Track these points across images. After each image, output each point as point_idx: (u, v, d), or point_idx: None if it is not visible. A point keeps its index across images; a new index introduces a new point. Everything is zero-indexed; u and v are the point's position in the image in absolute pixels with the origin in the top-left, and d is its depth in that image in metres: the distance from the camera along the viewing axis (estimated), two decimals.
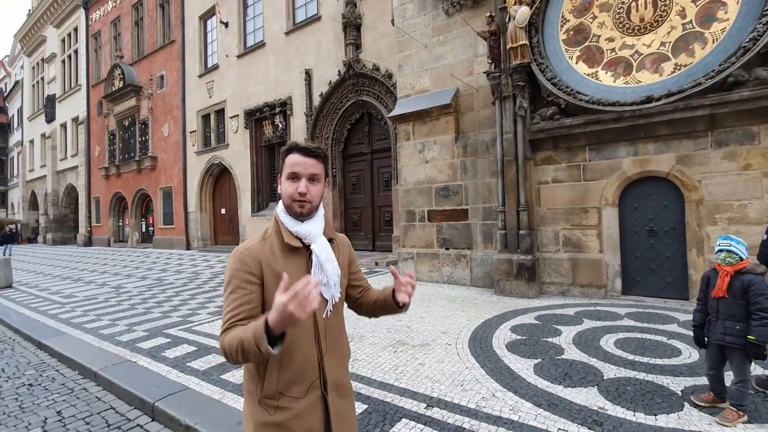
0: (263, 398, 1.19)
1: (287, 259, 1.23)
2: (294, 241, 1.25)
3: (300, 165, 1.24)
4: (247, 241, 1.26)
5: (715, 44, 4.94)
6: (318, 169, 1.26)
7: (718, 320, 2.70)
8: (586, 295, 5.96)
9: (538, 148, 6.30)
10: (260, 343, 1.00)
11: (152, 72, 18.73)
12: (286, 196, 1.26)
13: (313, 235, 1.27)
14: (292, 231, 1.25)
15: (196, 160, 16.71)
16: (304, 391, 1.22)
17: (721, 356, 2.73)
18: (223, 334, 1.12)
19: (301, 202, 1.24)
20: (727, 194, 4.98)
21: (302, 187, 1.23)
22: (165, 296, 7.54)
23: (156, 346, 4.59)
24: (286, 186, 1.25)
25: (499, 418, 2.82)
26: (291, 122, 13.07)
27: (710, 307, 2.77)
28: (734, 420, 2.54)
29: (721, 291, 2.66)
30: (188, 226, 17.12)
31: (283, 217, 1.28)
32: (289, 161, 1.25)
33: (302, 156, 1.24)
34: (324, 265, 1.27)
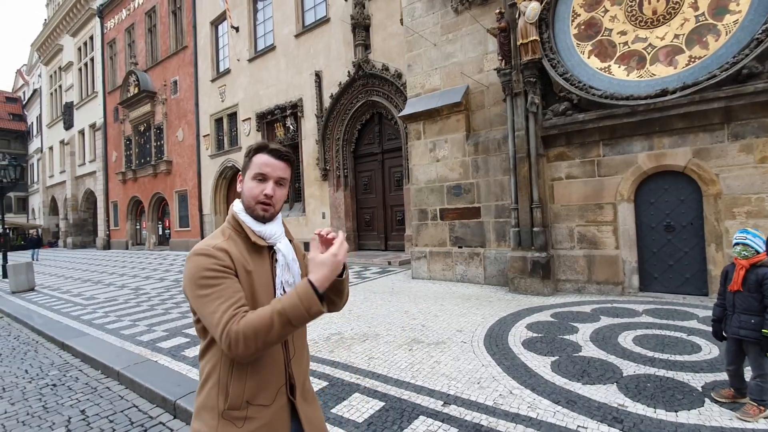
0: (227, 410, 1.11)
1: (254, 259, 1.19)
2: (259, 240, 1.21)
3: (270, 166, 1.20)
4: (206, 240, 1.17)
5: (729, 36, 4.85)
6: (286, 173, 1.23)
7: (734, 314, 2.68)
8: (603, 292, 5.89)
9: (551, 144, 6.25)
10: (312, 305, 1.01)
11: (166, 78, 19.08)
12: (249, 197, 1.21)
13: (276, 236, 1.25)
14: (255, 231, 1.21)
15: (210, 164, 16.97)
16: (271, 397, 1.16)
17: (740, 351, 2.69)
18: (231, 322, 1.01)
19: (265, 205, 1.20)
20: (744, 188, 4.88)
21: (269, 189, 1.20)
22: (183, 297, 7.69)
23: (176, 346, 4.70)
24: (251, 186, 1.20)
25: (517, 415, 2.82)
26: (302, 124, 13.18)
27: (727, 301, 2.75)
28: (756, 415, 2.50)
29: (736, 284, 2.64)
30: (203, 229, 17.39)
31: (243, 216, 1.22)
32: (258, 161, 1.20)
33: (272, 158, 1.20)
34: (290, 264, 1.26)
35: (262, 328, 1.00)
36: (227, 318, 1.02)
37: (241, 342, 0.99)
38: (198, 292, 1.07)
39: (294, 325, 1.03)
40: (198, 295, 1.07)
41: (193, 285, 1.08)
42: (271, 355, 1.17)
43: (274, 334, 1.01)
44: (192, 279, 1.09)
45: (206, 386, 1.15)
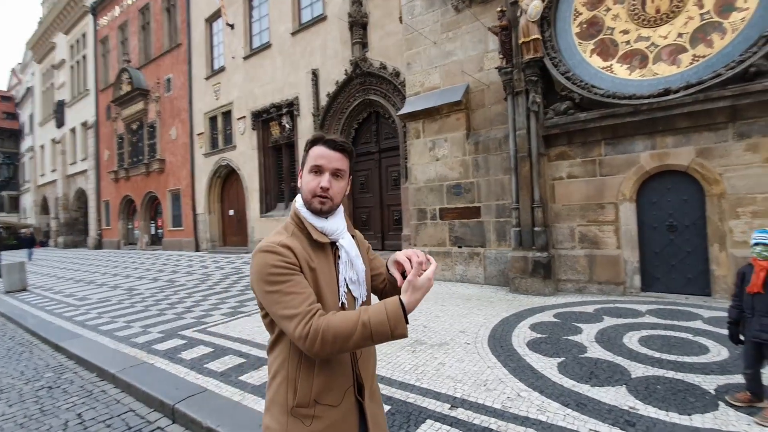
0: (296, 407, 1.11)
1: (318, 255, 1.17)
2: (321, 237, 1.18)
3: (325, 158, 1.16)
4: (271, 237, 1.16)
5: (735, 34, 4.82)
6: (343, 164, 1.18)
7: (754, 317, 2.62)
8: (604, 292, 5.85)
9: (552, 143, 6.21)
10: (399, 326, 1.01)
11: (159, 75, 18.83)
12: (306, 191, 1.18)
13: (339, 231, 1.21)
14: (317, 227, 1.18)
15: (203, 162, 16.77)
16: (339, 398, 1.15)
17: (758, 354, 2.64)
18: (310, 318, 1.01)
19: (322, 198, 1.16)
20: (750, 187, 4.86)
21: (325, 181, 1.15)
22: (178, 298, 7.55)
23: (172, 348, 4.58)
24: (308, 179, 1.17)
25: (526, 418, 2.75)
26: (298, 123, 13.05)
27: (745, 303, 2.68)
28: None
29: (756, 287, 2.59)
30: (197, 228, 17.18)
31: (304, 212, 1.20)
32: (314, 153, 1.17)
33: (328, 149, 1.16)
34: (354, 261, 1.22)
35: (343, 333, 1.00)
36: (304, 312, 1.02)
37: (319, 340, 1.00)
38: (267, 288, 1.07)
39: (374, 341, 1.02)
40: (267, 291, 1.07)
41: (261, 281, 1.08)
42: (339, 355, 1.15)
43: (352, 343, 1.01)
44: (260, 275, 1.09)
45: (275, 381, 1.16)
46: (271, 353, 1.20)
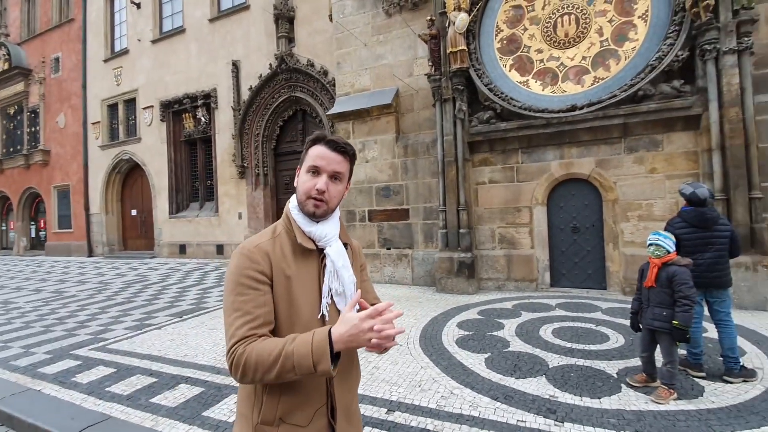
0: (260, 424, 1.04)
1: (298, 262, 1.09)
2: (307, 242, 1.10)
3: (324, 159, 1.09)
4: (253, 238, 1.11)
5: (627, 61, 5.56)
6: (343, 167, 1.12)
7: (649, 307, 3.00)
8: (520, 288, 6.34)
9: (476, 150, 6.57)
10: (321, 361, 0.91)
11: (45, 53, 16.23)
12: (301, 191, 1.11)
13: (328, 237, 1.12)
14: (305, 231, 1.10)
15: (100, 155, 14.81)
16: (308, 418, 1.06)
17: (652, 340, 3.03)
18: (239, 344, 0.96)
19: (317, 201, 1.09)
20: (637, 194, 5.63)
21: (321, 183, 1.08)
22: (67, 311, 6.52)
23: (64, 370, 3.91)
24: (305, 179, 1.11)
25: (460, 415, 2.83)
26: (216, 116, 12.17)
27: (643, 296, 3.07)
28: (666, 397, 2.82)
29: (650, 281, 2.97)
30: (90, 230, 15.10)
31: (295, 214, 1.13)
32: (313, 153, 1.11)
33: (329, 149, 1.10)
34: (340, 272, 1.12)
35: (263, 363, 0.94)
36: (238, 337, 0.97)
37: (240, 369, 0.95)
38: (228, 295, 1.03)
39: (296, 374, 0.93)
40: (227, 295, 1.04)
41: (227, 282, 1.05)
42: None
43: (273, 375, 0.94)
44: (228, 276, 1.05)
45: (243, 393, 1.11)
46: None
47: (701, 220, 3.22)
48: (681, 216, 3.35)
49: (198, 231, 12.64)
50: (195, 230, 12.71)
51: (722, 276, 3.18)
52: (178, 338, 4.82)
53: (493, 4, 6.51)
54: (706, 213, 3.22)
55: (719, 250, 3.19)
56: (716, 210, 3.34)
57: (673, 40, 5.24)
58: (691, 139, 5.33)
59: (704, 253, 3.19)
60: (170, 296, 7.37)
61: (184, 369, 3.85)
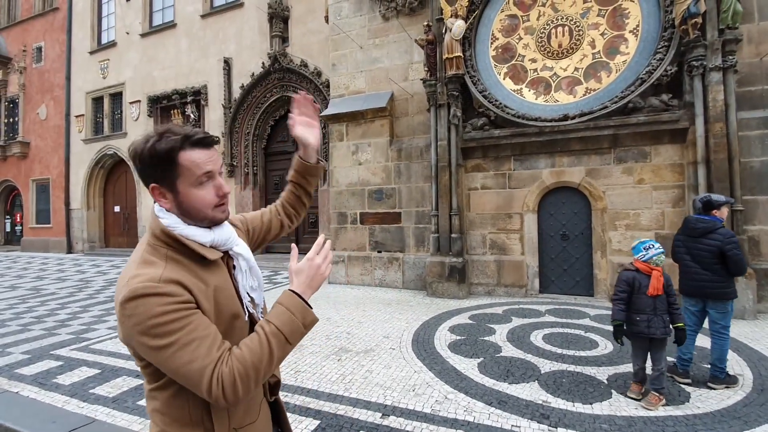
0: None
1: (208, 275, 0.96)
2: (213, 253, 0.98)
3: (211, 161, 0.95)
4: (143, 270, 0.88)
5: (618, 74, 5.70)
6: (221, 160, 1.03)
7: (656, 316, 2.90)
8: (510, 294, 6.40)
9: (469, 155, 6.63)
10: (307, 315, 0.95)
11: (27, 42, 15.75)
12: (204, 206, 0.96)
13: (231, 239, 1.05)
14: (205, 243, 0.97)
15: (83, 149, 14.42)
16: (257, 411, 1.06)
17: (647, 349, 3.00)
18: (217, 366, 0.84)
19: (223, 207, 1.00)
20: (625, 204, 5.76)
21: (226, 186, 0.99)
22: (46, 309, 6.30)
23: (44, 371, 3.78)
24: (201, 194, 0.95)
25: (455, 420, 2.84)
26: (206, 113, 11.99)
27: (644, 305, 2.91)
28: (657, 403, 2.88)
29: (658, 290, 2.90)
30: (70, 226, 14.67)
31: (184, 230, 0.95)
32: (191, 159, 0.92)
33: (205, 149, 0.95)
34: (253, 267, 1.09)
35: (260, 358, 0.88)
36: (213, 361, 0.84)
37: (239, 384, 0.84)
38: (156, 342, 0.82)
39: (291, 343, 0.93)
40: (157, 346, 0.82)
41: (145, 336, 0.82)
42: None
43: (274, 359, 0.90)
44: (143, 330, 0.82)
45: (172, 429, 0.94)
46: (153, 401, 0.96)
47: (688, 229, 3.31)
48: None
49: None
50: None
51: (715, 288, 3.19)
52: None
53: (489, 12, 6.59)
54: (692, 222, 3.31)
55: (703, 263, 3.20)
56: (711, 223, 3.24)
57: (663, 55, 5.39)
58: (678, 151, 5.48)
59: (689, 263, 3.28)
60: None
61: None
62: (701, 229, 3.25)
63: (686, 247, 3.32)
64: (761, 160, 5.20)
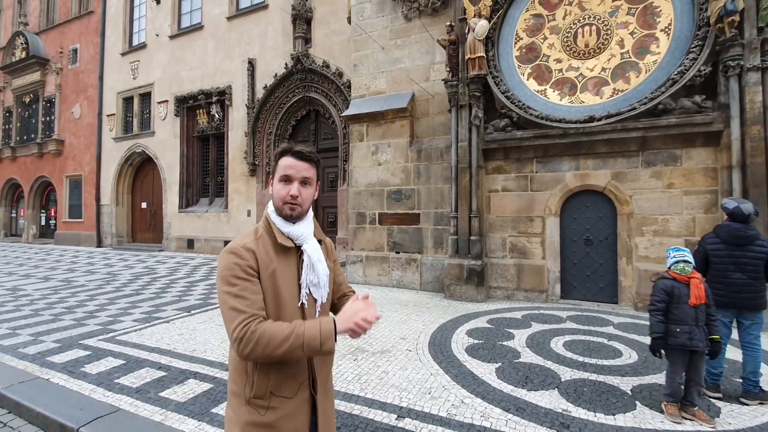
0: (253, 398, 1.20)
1: (280, 259, 1.25)
2: (286, 241, 1.26)
3: (293, 168, 1.25)
4: (239, 239, 1.26)
5: (648, 74, 5.51)
6: (311, 173, 1.28)
7: (698, 327, 2.74)
8: (529, 299, 6.28)
9: (490, 157, 6.53)
10: (328, 341, 1.12)
11: (63, 44, 16.45)
12: (277, 198, 1.27)
13: (304, 236, 1.29)
14: (284, 231, 1.27)
15: (113, 147, 14.95)
16: (294, 390, 1.24)
17: (687, 363, 2.81)
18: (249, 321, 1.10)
19: (292, 205, 1.26)
20: (653, 209, 5.56)
21: (294, 189, 1.25)
22: (76, 300, 6.55)
23: (72, 360, 3.92)
24: (278, 188, 1.27)
25: (471, 425, 2.79)
26: (230, 113, 12.24)
27: (686, 315, 2.76)
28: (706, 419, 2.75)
29: (701, 299, 2.75)
30: (100, 221, 15.23)
31: (274, 218, 1.29)
32: (282, 164, 1.27)
33: (296, 159, 1.26)
34: (315, 265, 1.30)
35: (276, 339, 1.09)
36: (245, 317, 1.10)
37: (251, 344, 1.08)
38: (223, 287, 1.16)
39: (304, 351, 1.11)
40: (223, 290, 1.16)
41: (221, 280, 1.18)
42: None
43: (282, 350, 1.09)
44: (220, 274, 1.18)
45: (235, 374, 1.24)
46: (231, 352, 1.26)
47: (735, 237, 3.11)
48: (716, 232, 3.26)
49: (206, 226, 12.70)
50: (203, 225, 12.77)
51: (756, 298, 3.05)
52: (187, 333, 4.82)
53: (513, 12, 6.49)
54: (741, 230, 3.10)
55: (751, 272, 3.05)
56: (755, 229, 3.14)
57: (696, 54, 5.18)
58: (711, 155, 5.26)
59: (734, 273, 3.09)
60: (178, 290, 7.38)
61: (192, 364, 3.84)
62: (752, 236, 3.09)
63: (730, 257, 3.13)
64: None
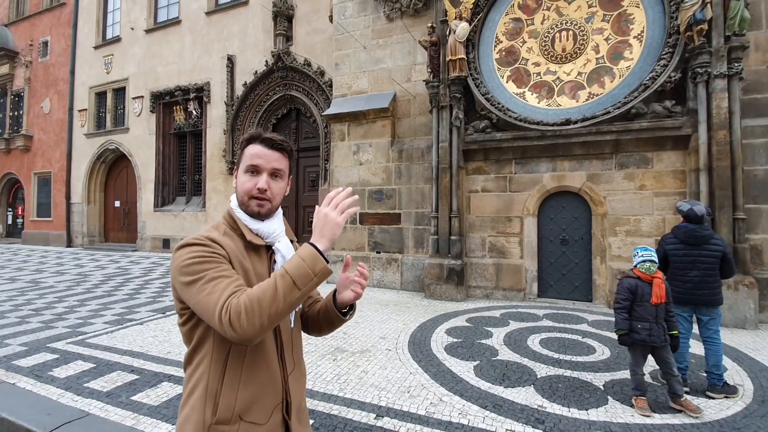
0: (215, 424, 1.00)
1: (251, 257, 1.10)
2: (256, 239, 1.11)
3: (262, 158, 1.10)
4: (203, 232, 1.08)
5: (622, 79, 5.69)
6: (282, 164, 1.13)
7: (657, 324, 2.88)
8: (508, 297, 6.38)
9: (470, 158, 6.61)
10: (317, 262, 0.95)
11: (34, 36, 15.80)
12: (242, 191, 1.11)
13: (276, 234, 1.14)
14: (252, 229, 1.11)
15: (85, 144, 14.44)
16: (266, 415, 1.06)
17: (646, 357, 2.97)
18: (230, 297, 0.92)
19: (260, 200, 1.10)
20: (625, 210, 5.73)
21: (262, 182, 1.09)
22: (44, 302, 6.30)
23: (40, 364, 3.77)
24: (244, 180, 1.11)
25: (449, 423, 2.82)
26: (208, 110, 12.00)
27: (647, 313, 2.90)
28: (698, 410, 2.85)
29: (661, 298, 2.89)
30: (71, 220, 14.68)
31: (238, 213, 1.12)
32: (249, 152, 1.11)
33: (265, 148, 1.10)
34: None
35: (265, 295, 0.91)
36: (227, 294, 0.93)
37: (243, 315, 0.89)
38: (186, 279, 0.97)
39: (299, 287, 0.93)
40: (186, 282, 0.97)
41: (179, 273, 0.98)
42: (268, 367, 1.07)
43: (279, 301, 0.91)
44: (178, 267, 0.99)
45: (192, 398, 1.03)
46: (188, 366, 1.08)
47: (691, 237, 3.27)
48: (674, 232, 3.42)
49: (183, 226, 12.40)
50: (180, 225, 12.47)
51: (712, 294, 3.22)
52: (161, 335, 4.70)
53: (493, 15, 6.59)
54: (696, 231, 3.28)
55: (707, 269, 3.22)
56: (709, 228, 3.33)
57: (667, 61, 5.37)
58: (680, 158, 5.46)
59: (691, 271, 3.25)
60: (153, 291, 7.19)
61: (167, 367, 3.74)
62: (707, 236, 3.25)
63: (688, 256, 3.29)
64: (766, 168, 5.17)
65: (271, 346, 1.09)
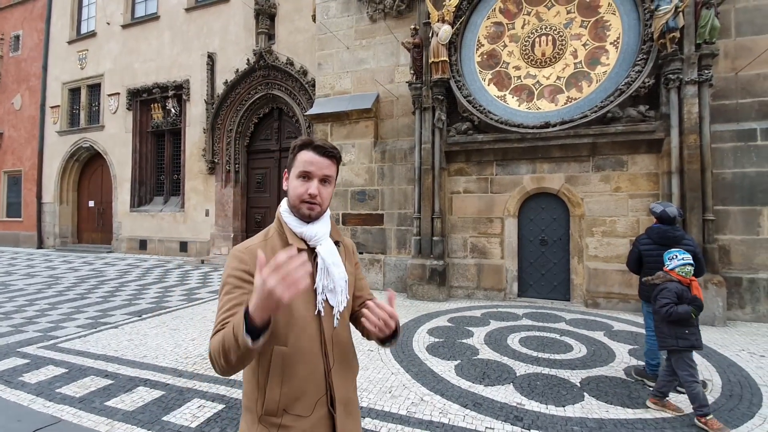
0: (264, 415, 1.08)
1: None
2: (298, 242, 1.14)
3: (314, 164, 1.14)
4: (247, 241, 1.19)
5: (598, 84, 5.84)
6: (332, 170, 1.18)
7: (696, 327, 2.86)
8: (489, 297, 6.46)
9: (452, 159, 6.68)
10: (238, 332, 0.90)
11: (5, 30, 15.21)
12: (294, 196, 1.16)
13: (318, 237, 1.17)
14: (296, 232, 1.16)
15: (57, 141, 13.96)
16: (309, 408, 1.10)
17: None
18: (214, 336, 1.01)
19: (311, 204, 1.15)
20: (602, 211, 5.89)
21: (313, 188, 1.14)
22: (14, 306, 6.06)
23: (9, 369, 3.64)
24: (296, 185, 1.15)
25: (430, 422, 2.84)
26: (187, 108, 11.76)
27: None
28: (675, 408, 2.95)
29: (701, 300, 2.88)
30: (42, 220, 14.17)
31: (286, 217, 1.18)
32: (302, 158, 1.15)
33: (317, 155, 1.15)
34: (330, 268, 1.16)
35: (215, 350, 0.97)
36: (214, 330, 1.02)
37: (210, 356, 1.00)
38: (220, 291, 1.11)
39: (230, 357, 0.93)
40: (220, 293, 1.11)
41: (222, 282, 1.12)
42: (308, 364, 1.11)
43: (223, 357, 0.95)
44: (223, 276, 1.13)
45: (248, 387, 1.14)
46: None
47: (664, 238, 3.38)
48: (648, 233, 3.53)
49: (161, 226, 12.12)
50: (158, 225, 12.19)
51: None
52: (137, 338, 4.58)
53: (475, 18, 6.67)
54: (669, 231, 3.39)
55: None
56: (681, 230, 3.45)
57: (641, 67, 5.55)
58: (653, 161, 5.65)
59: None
60: (128, 294, 7.00)
61: (142, 371, 3.66)
62: (679, 236, 3.36)
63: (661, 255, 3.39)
64: (733, 171, 5.39)
65: (312, 344, 1.11)
